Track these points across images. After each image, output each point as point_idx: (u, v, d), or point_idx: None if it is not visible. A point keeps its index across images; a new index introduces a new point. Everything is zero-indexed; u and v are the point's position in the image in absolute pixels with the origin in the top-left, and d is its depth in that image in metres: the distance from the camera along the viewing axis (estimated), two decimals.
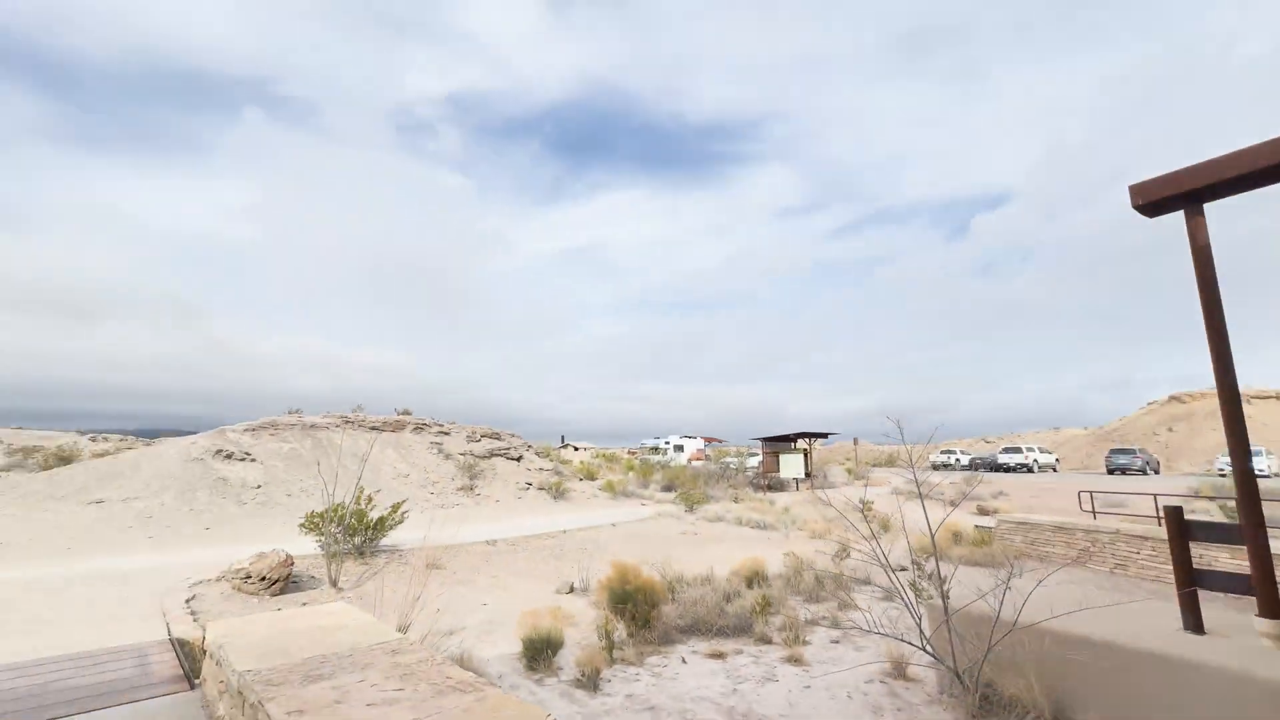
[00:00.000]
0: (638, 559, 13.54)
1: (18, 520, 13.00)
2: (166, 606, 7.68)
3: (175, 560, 10.77)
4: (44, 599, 7.95)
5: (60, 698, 4.66)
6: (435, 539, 13.69)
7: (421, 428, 26.15)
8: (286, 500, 16.69)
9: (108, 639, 6.50)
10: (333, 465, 20.45)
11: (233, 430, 20.07)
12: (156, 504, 14.39)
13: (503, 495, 22.50)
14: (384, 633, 4.56)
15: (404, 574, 10.83)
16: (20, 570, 9.73)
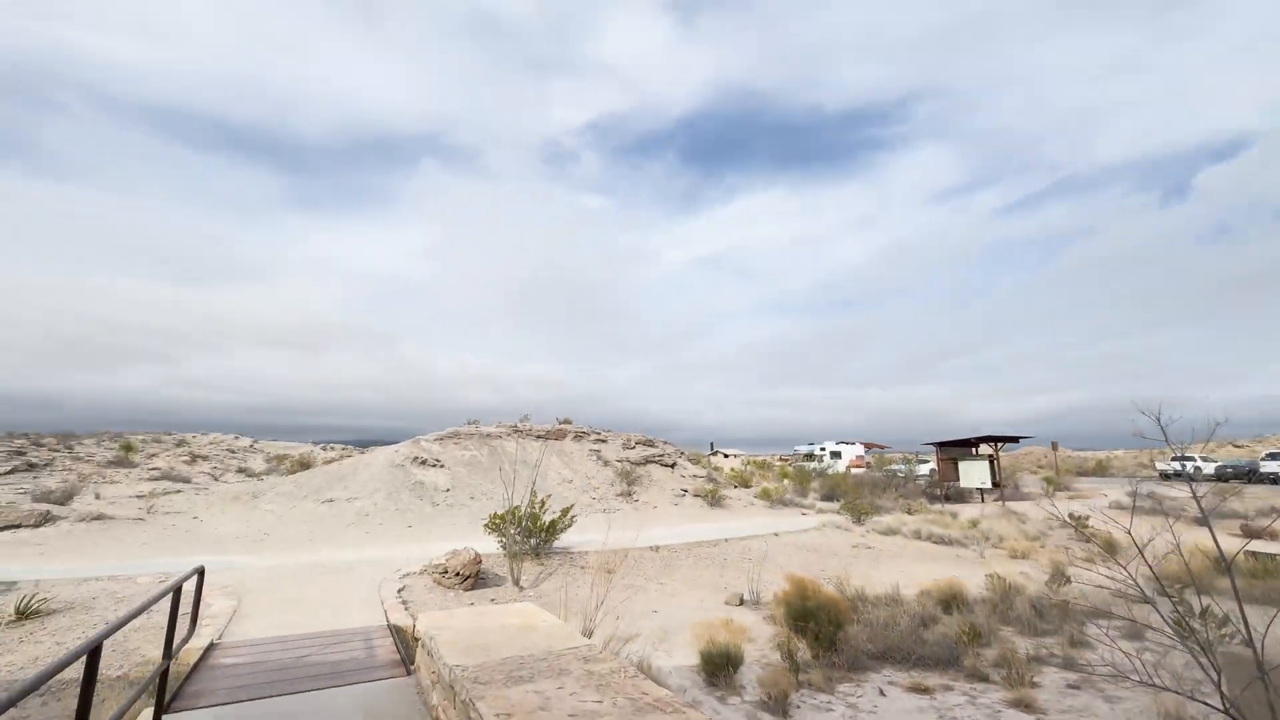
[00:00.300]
0: (809, 572, 12.71)
1: (275, 515, 15.80)
2: (383, 595, 8.67)
3: (387, 554, 12.25)
4: (294, 583, 9.42)
5: (308, 672, 5.35)
6: (601, 543, 14.12)
7: (581, 436, 27.46)
8: (470, 503, 18.38)
9: (341, 620, 7.46)
10: (506, 471, 22.24)
11: (425, 440, 22.70)
12: (371, 504, 16.66)
13: (659, 501, 22.72)
14: (573, 637, 4.57)
15: (576, 576, 11.23)
16: (278, 557, 11.71)
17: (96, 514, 13.37)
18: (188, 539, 13.10)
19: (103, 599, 8.35)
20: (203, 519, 15.25)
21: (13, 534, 11.63)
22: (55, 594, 8.41)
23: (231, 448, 40.86)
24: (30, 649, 6.64)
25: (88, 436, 37.28)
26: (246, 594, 8.58)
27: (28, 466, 22.08)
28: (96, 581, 9.09)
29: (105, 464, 27.38)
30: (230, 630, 6.90)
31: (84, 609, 7.97)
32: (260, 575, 9.81)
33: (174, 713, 4.44)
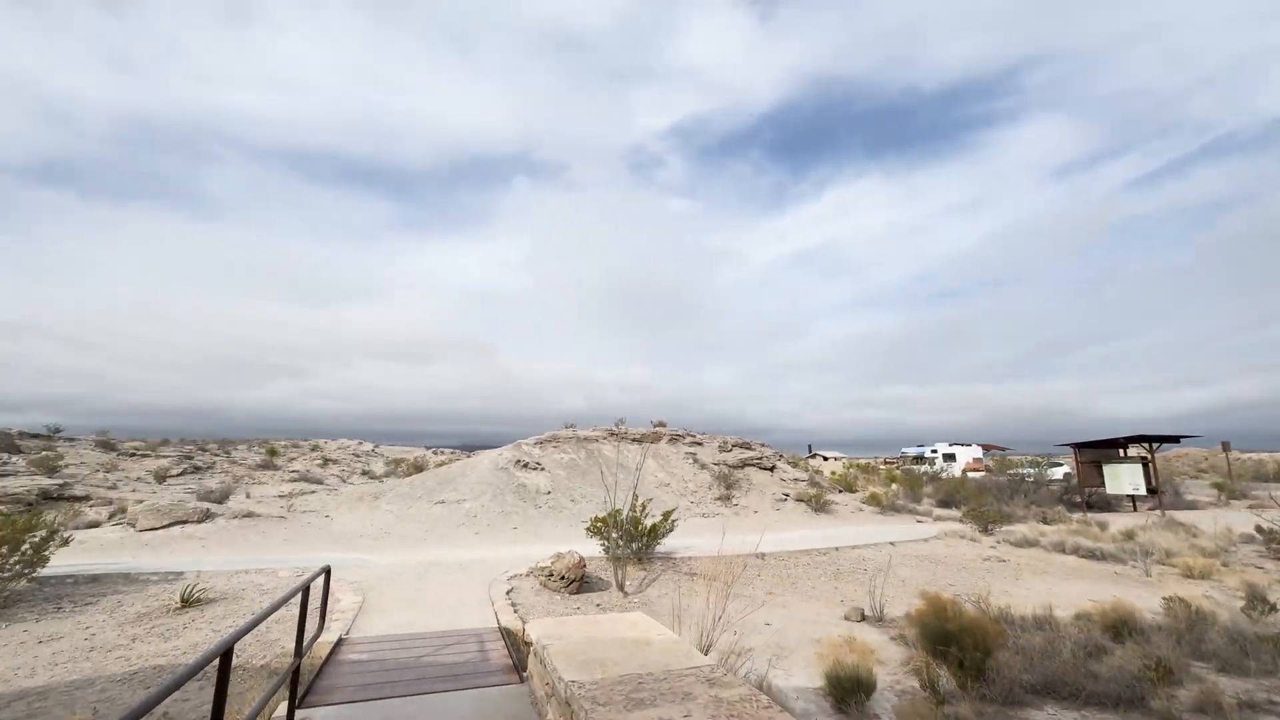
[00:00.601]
0: (935, 587, 11.55)
1: (394, 514, 16.83)
2: (493, 596, 8.79)
3: (495, 554, 12.56)
4: (413, 580, 9.82)
5: (426, 673, 5.39)
6: (702, 548, 13.70)
7: (676, 438, 27.19)
8: (570, 505, 18.63)
9: (456, 620, 7.60)
10: (604, 474, 22.39)
11: (525, 444, 23.41)
12: (478, 505, 17.33)
13: (760, 506, 21.90)
14: (691, 655, 4.21)
15: (681, 583, 10.88)
16: (398, 554, 12.35)
17: (246, 512, 14.88)
18: (320, 536, 14.21)
19: (250, 591, 9.11)
20: (333, 517, 16.54)
21: (181, 529, 13.16)
22: (212, 585, 9.30)
23: (356, 452, 44.57)
24: (191, 635, 7.29)
25: (241, 442, 42.08)
26: (370, 590, 9.02)
27: (194, 469, 25.19)
28: (245, 574, 9.96)
29: (254, 467, 30.72)
30: (357, 625, 7.20)
31: (235, 599, 8.72)
32: (382, 572, 10.33)
33: (306, 707, 4.58)
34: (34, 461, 19.87)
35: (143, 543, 12.23)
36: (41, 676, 6.11)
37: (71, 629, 7.56)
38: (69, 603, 8.48)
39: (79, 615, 8.05)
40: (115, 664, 6.44)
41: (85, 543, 12.07)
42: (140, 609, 8.31)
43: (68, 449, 25.76)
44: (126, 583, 9.38)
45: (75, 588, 9.04)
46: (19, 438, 24.99)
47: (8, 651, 6.83)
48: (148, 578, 9.61)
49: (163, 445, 33.33)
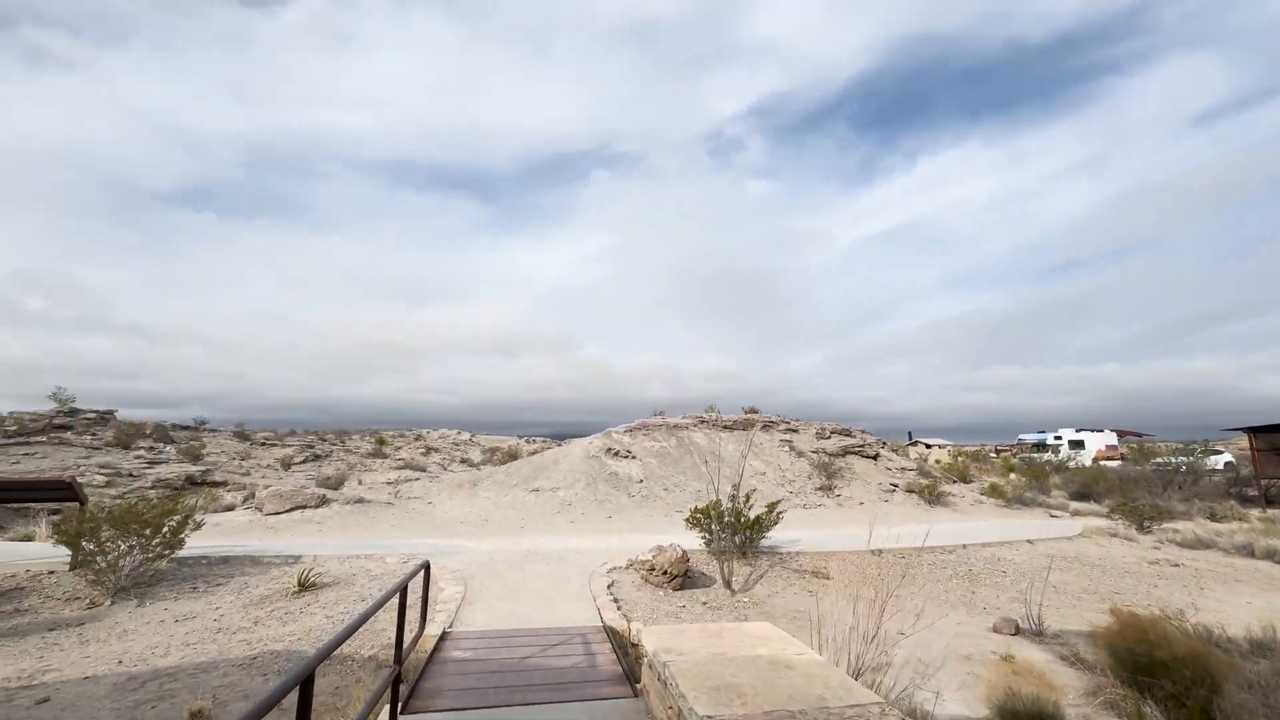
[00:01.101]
0: (1098, 593, 9.91)
1: (491, 501, 17.08)
2: (594, 590, 8.36)
3: (591, 543, 12.24)
4: (512, 569, 9.63)
5: (532, 679, 4.94)
6: (809, 542, 12.68)
7: (769, 425, 25.97)
8: (664, 494, 18.11)
9: (556, 614, 7.22)
10: (695, 463, 21.70)
11: (615, 432, 23.17)
12: (572, 493, 17.22)
13: (865, 497, 20.35)
14: (847, 685, 3.42)
15: (790, 580, 10.00)
16: (496, 541, 12.33)
17: (357, 498, 15.59)
18: (423, 522, 14.59)
19: (360, 577, 9.26)
20: (435, 504, 17.03)
21: (301, 513, 13.95)
22: (326, 569, 9.56)
23: (456, 441, 46.73)
24: (307, 620, 7.39)
25: (355, 433, 45.20)
26: (471, 579, 8.89)
27: (314, 458, 27.18)
28: (355, 559, 10.21)
29: (366, 455, 32.79)
30: (459, 618, 6.99)
31: (346, 584, 8.88)
32: (482, 560, 10.25)
33: (410, 713, 4.25)
34: (182, 450, 22.13)
35: (268, 526, 13.03)
36: (174, 656, 6.32)
37: (204, 609, 7.93)
38: (203, 583, 8.98)
39: (210, 595, 8.47)
40: (238, 647, 6.57)
41: (220, 525, 13.02)
42: (263, 591, 8.63)
43: (210, 439, 28.66)
44: (252, 565, 9.86)
45: (209, 568, 9.60)
46: (172, 430, 28.08)
47: (149, 629, 7.21)
48: (270, 560, 10.06)
49: (289, 436, 36.48)
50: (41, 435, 21.23)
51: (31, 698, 5.32)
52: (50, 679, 5.77)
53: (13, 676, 5.81)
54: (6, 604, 7.89)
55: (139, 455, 19.86)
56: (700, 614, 8.01)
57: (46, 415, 23.04)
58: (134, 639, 6.87)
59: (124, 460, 18.85)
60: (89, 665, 6.08)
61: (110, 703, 5.23)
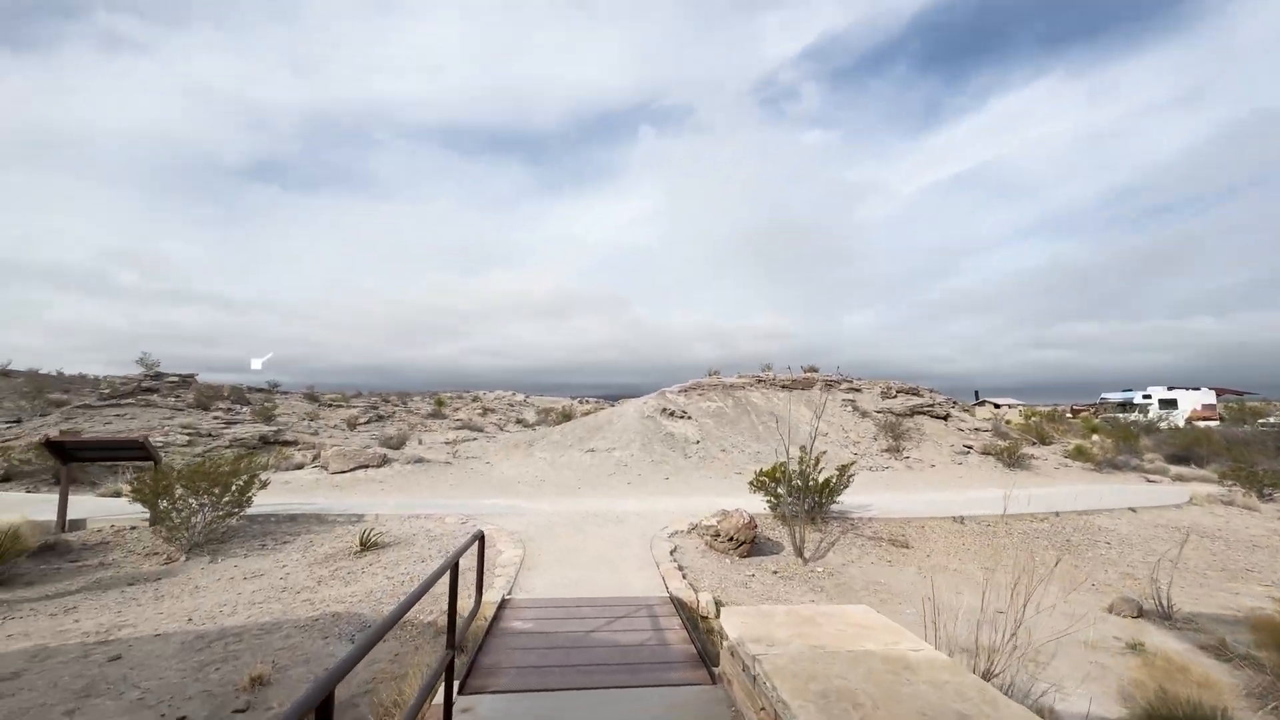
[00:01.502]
0: (1227, 569, 8.77)
1: (547, 462, 17.00)
2: (656, 555, 7.94)
3: (650, 505, 11.87)
4: (571, 532, 9.35)
5: (598, 656, 4.52)
6: (880, 507, 11.88)
7: (830, 385, 24.82)
8: (721, 455, 17.56)
9: (619, 581, 6.83)
10: (753, 423, 20.98)
11: (670, 392, 22.66)
12: (628, 454, 16.92)
13: (936, 459, 19.17)
14: (986, 694, 2.76)
15: (865, 548, 9.31)
16: (554, 502, 12.15)
17: (417, 458, 15.80)
18: (481, 481, 14.62)
19: (420, 537, 9.19)
20: (492, 464, 17.11)
21: (364, 472, 14.21)
22: (387, 529, 9.55)
23: (511, 402, 47.60)
24: (368, 581, 7.31)
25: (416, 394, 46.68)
26: (530, 541, 8.64)
27: (378, 418, 28.06)
28: (416, 519, 10.18)
29: (426, 416, 33.70)
30: (519, 584, 6.70)
31: (406, 544, 8.81)
32: (540, 522, 10.03)
33: (469, 694, 3.90)
34: (256, 412, 23.17)
35: (333, 484, 13.32)
36: (240, 615, 6.31)
37: (271, 567, 8.00)
38: (271, 540, 9.12)
39: (278, 553, 8.57)
40: (301, 607, 6.51)
41: (289, 482, 13.41)
42: (327, 549, 8.67)
43: (282, 401, 30.04)
44: (318, 523, 9.98)
45: (277, 525, 9.77)
46: (248, 392, 29.55)
47: (219, 586, 7.30)
48: (335, 519, 10.16)
49: (355, 398, 37.95)
50: (130, 398, 22.62)
51: (105, 654, 5.35)
52: (125, 635, 5.83)
53: (92, 631, 5.90)
54: (93, 557, 8.20)
55: (216, 416, 20.89)
56: (771, 584, 7.47)
57: (135, 379, 24.54)
58: (204, 596, 6.95)
59: (203, 421, 19.85)
60: (161, 622, 6.14)
61: (177, 663, 5.19)
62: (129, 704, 4.50)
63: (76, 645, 5.56)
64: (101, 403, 21.57)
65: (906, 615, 6.79)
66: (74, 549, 8.37)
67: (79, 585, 7.28)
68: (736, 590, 7.10)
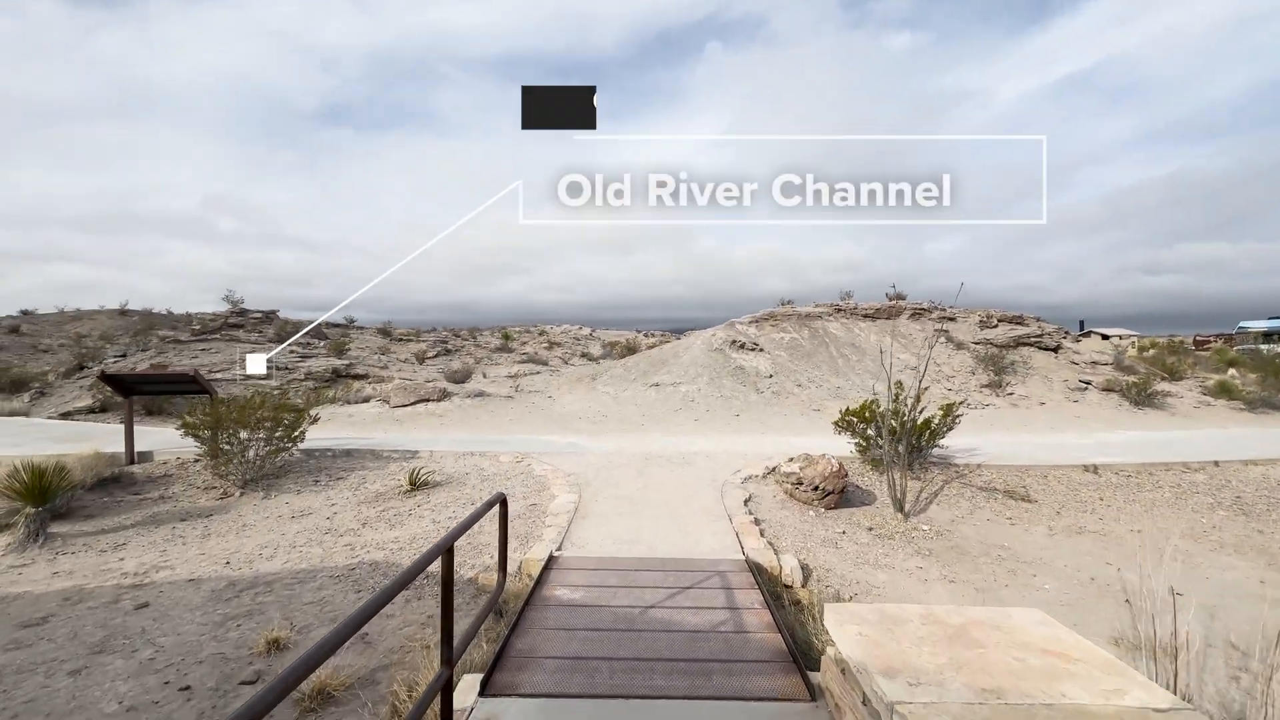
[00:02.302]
0: None
1: (610, 396, 16.26)
2: (728, 506, 6.92)
3: (718, 445, 10.84)
4: (631, 475, 8.49)
5: (658, 647, 3.56)
6: (987, 452, 10.28)
7: (919, 313, 22.40)
8: (797, 390, 16.16)
9: (685, 536, 5.89)
10: (832, 356, 19.26)
11: (740, 323, 21.15)
12: (694, 389, 15.86)
13: (1046, 396, 16.90)
14: None
15: (976, 501, 7.90)
16: (615, 439, 11.36)
17: (478, 391, 15.46)
18: (542, 416, 14.07)
19: (472, 476, 8.63)
20: (554, 398, 16.57)
21: (425, 406, 13.98)
22: (440, 466, 9.06)
23: (576, 336, 47.46)
24: (413, 525, 6.76)
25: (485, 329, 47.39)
26: (586, 486, 7.85)
27: (446, 352, 28.35)
28: (470, 457, 9.66)
29: (493, 350, 33.94)
30: (571, 537, 5.89)
31: (458, 484, 8.26)
32: (598, 462, 9.25)
33: (492, 695, 3.05)
34: (330, 346, 23.77)
35: (395, 418, 13.16)
36: (279, 560, 5.88)
37: (320, 505, 7.65)
38: (325, 475, 8.84)
39: (329, 490, 8.24)
40: (341, 553, 6.02)
41: (353, 416, 13.36)
42: (378, 488, 8.26)
43: (357, 335, 30.95)
44: (373, 459, 9.65)
45: (333, 461, 9.52)
46: (325, 327, 30.59)
47: (266, 525, 6.98)
48: (389, 455, 9.81)
49: (427, 333, 38.84)
50: (217, 334, 23.71)
51: (134, 601, 5.00)
52: (161, 577, 5.51)
53: (131, 572, 5.63)
54: (155, 490, 8.16)
55: (292, 350, 21.51)
56: (866, 545, 6.30)
57: (222, 316, 25.70)
58: (249, 536, 6.63)
59: (281, 355, 20.47)
60: (200, 565, 5.80)
61: (201, 615, 4.74)
62: (138, 665, 4.04)
63: (111, 589, 5.27)
64: (192, 338, 22.72)
65: (1045, 592, 5.47)
66: (138, 481, 8.38)
67: (135, 520, 7.18)
68: (824, 551, 6.00)
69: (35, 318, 42.52)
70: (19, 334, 36.97)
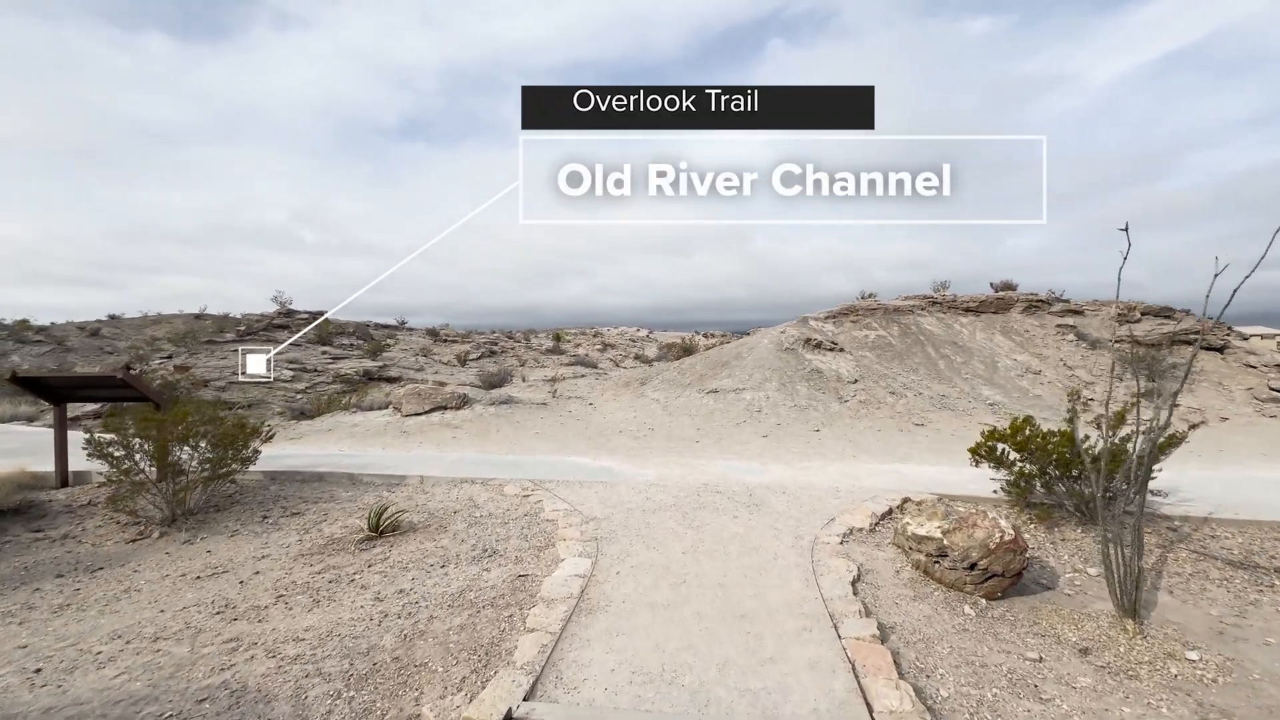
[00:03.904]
0: None
1: (660, 404, 13.78)
2: (826, 592, 4.28)
3: (798, 474, 8.16)
4: (675, 528, 5.99)
5: None
6: (1201, 493, 7.08)
7: (1035, 306, 18.60)
8: (890, 400, 13.09)
9: (758, 666, 3.34)
10: (930, 357, 15.95)
11: (814, 318, 18.14)
12: (761, 396, 13.12)
13: (1228, 409, 13.03)
14: None
15: (1235, 585, 4.84)
16: (661, 464, 8.89)
17: (505, 399, 13.37)
18: (576, 430, 11.76)
19: (460, 515, 6.38)
20: (595, 405, 14.27)
21: (440, 415, 12.01)
22: (424, 500, 6.88)
23: (633, 338, 45.38)
24: (346, 603, 4.52)
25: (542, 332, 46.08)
26: (608, 541, 5.42)
27: (490, 353, 26.77)
28: (468, 485, 7.44)
29: (543, 352, 32.25)
30: (559, 661, 3.44)
31: (437, 529, 6.02)
32: (634, 499, 6.79)
33: None
34: (365, 347, 22.57)
35: (402, 429, 11.21)
36: (112, 668, 3.76)
37: (248, 556, 5.58)
38: (280, 508, 6.83)
39: (274, 532, 6.19)
40: (210, 659, 3.84)
41: (358, 425, 11.54)
42: (336, 530, 6.15)
43: (405, 337, 29.96)
44: (348, 485, 7.61)
45: (299, 488, 7.54)
46: (372, 328, 29.78)
47: (153, 591, 4.94)
48: (370, 479, 7.74)
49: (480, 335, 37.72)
50: (259, 335, 23.00)
51: None
52: None
53: None
54: (64, 525, 6.38)
55: (325, 351, 20.35)
56: (1091, 689, 3.48)
57: (269, 316, 25.15)
58: (117, 611, 4.59)
59: (310, 355, 19.30)
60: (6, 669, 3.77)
61: None
62: None
63: None
64: (238, 339, 22.06)
65: None
66: (51, 513, 6.63)
67: (7, 570, 5.35)
68: (1017, 707, 3.25)
69: (119, 322, 44.74)
70: (98, 336, 38.73)
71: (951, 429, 11.40)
